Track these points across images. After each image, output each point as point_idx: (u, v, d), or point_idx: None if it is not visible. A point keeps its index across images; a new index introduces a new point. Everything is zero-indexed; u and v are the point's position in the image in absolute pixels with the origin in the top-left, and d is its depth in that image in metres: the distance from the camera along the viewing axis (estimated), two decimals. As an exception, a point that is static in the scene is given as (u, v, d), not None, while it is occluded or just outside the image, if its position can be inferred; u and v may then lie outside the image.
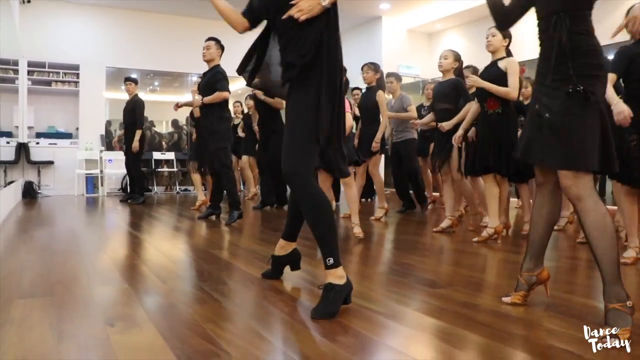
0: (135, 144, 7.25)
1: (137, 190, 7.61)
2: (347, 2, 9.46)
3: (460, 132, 4.17)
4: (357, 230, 4.14)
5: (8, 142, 8.72)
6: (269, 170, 6.27)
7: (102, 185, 9.31)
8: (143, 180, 7.97)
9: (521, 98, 4.61)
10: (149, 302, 2.31)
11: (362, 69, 5.16)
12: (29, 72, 9.05)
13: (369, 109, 5.18)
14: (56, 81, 9.44)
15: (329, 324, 1.99)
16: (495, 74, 3.89)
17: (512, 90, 3.79)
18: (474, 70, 4.84)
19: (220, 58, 5.13)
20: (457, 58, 4.51)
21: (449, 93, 4.44)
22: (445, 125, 4.35)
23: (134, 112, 7.28)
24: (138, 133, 7.27)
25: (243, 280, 2.78)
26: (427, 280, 2.78)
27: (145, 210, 6.51)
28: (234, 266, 3.12)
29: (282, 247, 2.68)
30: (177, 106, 5.67)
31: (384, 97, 5.12)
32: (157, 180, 9.98)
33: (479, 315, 2.11)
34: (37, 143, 9.05)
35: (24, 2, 8.96)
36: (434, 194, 6.87)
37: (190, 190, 9.75)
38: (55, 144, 9.23)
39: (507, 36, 3.96)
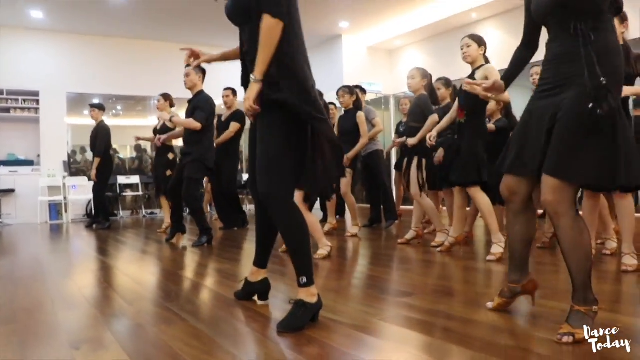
0: (93, 172, 7.18)
1: (101, 215, 7.50)
2: (307, 22, 9.55)
3: (433, 132, 4.07)
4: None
5: (-34, 172, 8.51)
6: (224, 193, 6.34)
7: (66, 212, 9.15)
8: (107, 206, 7.86)
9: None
10: (115, 324, 2.31)
11: (337, 93, 5.36)
12: (-15, 100, 8.89)
13: (350, 132, 5.26)
14: (15, 108, 9.28)
15: (299, 338, 2.02)
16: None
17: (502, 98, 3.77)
18: (446, 82, 4.88)
19: (203, 82, 5.06)
20: (425, 75, 4.48)
21: (415, 111, 4.48)
22: (410, 140, 4.38)
23: (96, 139, 7.19)
24: (96, 161, 7.16)
25: (210, 299, 2.80)
26: (395, 290, 2.85)
27: (111, 235, 6.43)
28: (201, 285, 3.13)
29: (253, 274, 2.65)
30: (137, 139, 5.73)
31: (364, 118, 5.27)
32: (122, 205, 9.87)
33: (450, 323, 2.17)
34: (-3, 171, 8.87)
35: (-20, 29, 8.85)
36: (402, 207, 6.98)
37: (156, 214, 9.67)
38: (16, 171, 9.04)
39: (483, 44, 3.85)
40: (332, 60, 10.73)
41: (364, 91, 6.17)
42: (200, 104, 4.93)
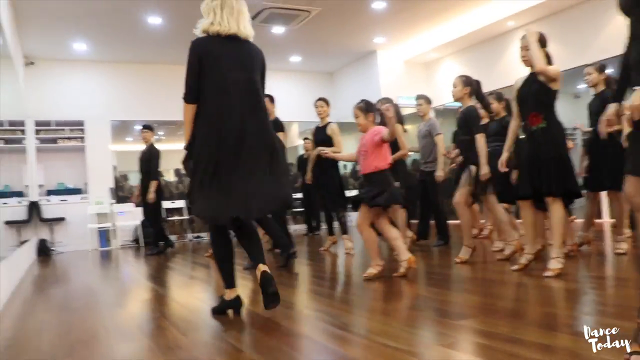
0: (151, 195, 7.11)
1: (159, 240, 7.49)
2: (342, 38, 9.63)
3: (504, 155, 3.83)
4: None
5: (19, 202, 8.78)
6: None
7: (114, 238, 9.33)
8: (163, 230, 7.81)
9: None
10: (172, 358, 2.28)
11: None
12: (35, 131, 9.19)
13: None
14: (62, 138, 9.57)
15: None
16: (535, 90, 3.55)
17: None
18: (498, 96, 4.79)
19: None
20: (468, 82, 4.37)
21: (461, 124, 4.39)
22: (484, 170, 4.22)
23: (149, 162, 7.19)
24: (153, 184, 7.15)
25: (266, 328, 2.75)
26: (453, 312, 2.75)
27: (160, 261, 6.50)
28: (255, 313, 3.08)
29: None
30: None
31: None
32: (169, 230, 10.00)
33: (521, 350, 2.06)
34: (48, 200, 9.12)
35: (28, 64, 9.19)
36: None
37: (202, 237, 9.75)
38: (66, 200, 9.30)
39: (543, 43, 3.60)
40: (368, 76, 10.72)
41: (429, 101, 5.93)
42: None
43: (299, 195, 9.81)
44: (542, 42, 3.62)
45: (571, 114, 7.49)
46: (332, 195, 5.79)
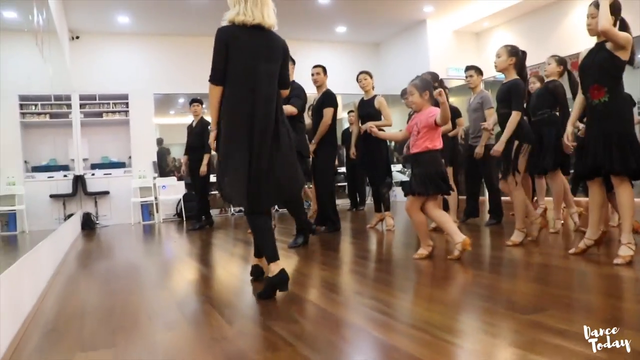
0: (204, 168, 7.06)
1: (203, 214, 7.44)
2: (391, 7, 9.24)
3: (569, 128, 3.54)
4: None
5: (65, 176, 8.85)
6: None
7: (157, 212, 9.35)
8: (208, 205, 7.69)
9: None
10: (216, 350, 2.11)
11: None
12: (80, 106, 9.22)
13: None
14: (107, 112, 9.57)
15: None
16: (602, 59, 3.23)
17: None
18: (560, 60, 4.56)
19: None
20: (513, 53, 4.03)
21: (504, 98, 4.07)
22: (496, 147, 4.08)
23: (202, 135, 7.00)
24: (206, 157, 7.06)
25: (315, 316, 2.56)
26: (520, 304, 2.49)
27: (202, 237, 6.41)
28: (303, 299, 2.90)
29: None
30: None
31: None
32: (210, 204, 9.94)
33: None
34: (93, 174, 9.19)
35: (73, 38, 9.17)
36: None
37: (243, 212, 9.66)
38: (110, 174, 9.34)
39: (617, 9, 3.20)
40: (417, 46, 10.32)
41: (480, 72, 5.57)
42: (295, 92, 4.85)
43: (343, 169, 9.62)
44: (616, 7, 3.23)
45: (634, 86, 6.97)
46: (378, 171, 5.63)
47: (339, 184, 9.95)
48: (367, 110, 5.61)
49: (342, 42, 11.26)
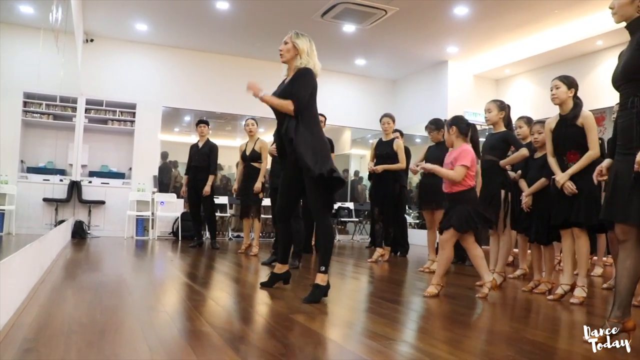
0: (207, 189, 7.09)
1: (200, 232, 7.54)
2: (414, 45, 9.10)
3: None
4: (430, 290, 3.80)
5: (61, 180, 8.52)
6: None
7: (152, 228, 8.96)
8: (215, 225, 7.75)
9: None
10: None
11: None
12: (86, 110, 8.94)
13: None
14: (112, 119, 9.27)
15: None
16: (574, 133, 3.63)
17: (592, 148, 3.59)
18: (528, 121, 4.64)
19: None
20: (502, 107, 4.44)
21: (497, 145, 4.39)
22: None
23: (209, 156, 7.16)
24: (211, 178, 7.14)
25: (315, 342, 2.20)
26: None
27: (199, 257, 6.04)
28: (296, 323, 2.54)
29: (280, 269, 3.80)
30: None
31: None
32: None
33: None
34: (90, 182, 8.83)
35: (87, 40, 8.95)
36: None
37: (242, 237, 9.30)
38: (108, 183, 8.99)
39: (573, 86, 3.68)
40: (436, 87, 10.16)
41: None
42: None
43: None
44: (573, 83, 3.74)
45: None
46: (389, 209, 6.07)
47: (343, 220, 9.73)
48: (385, 150, 6.07)
49: (358, 75, 11.10)
